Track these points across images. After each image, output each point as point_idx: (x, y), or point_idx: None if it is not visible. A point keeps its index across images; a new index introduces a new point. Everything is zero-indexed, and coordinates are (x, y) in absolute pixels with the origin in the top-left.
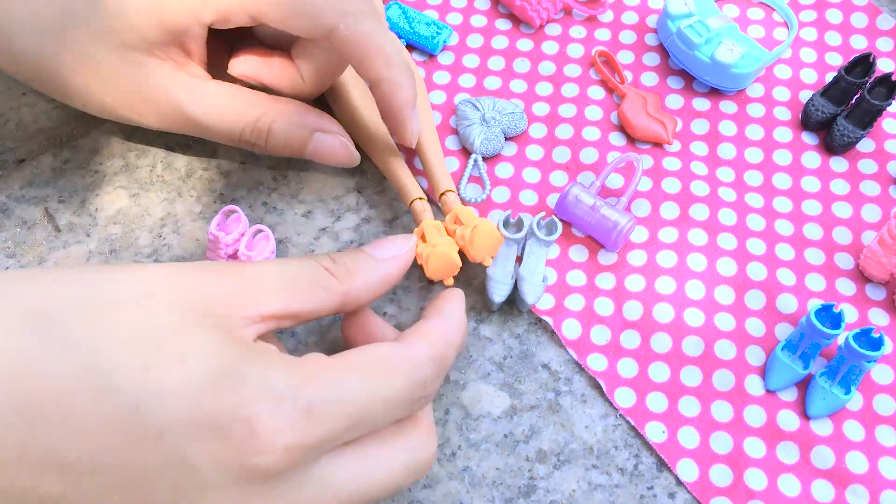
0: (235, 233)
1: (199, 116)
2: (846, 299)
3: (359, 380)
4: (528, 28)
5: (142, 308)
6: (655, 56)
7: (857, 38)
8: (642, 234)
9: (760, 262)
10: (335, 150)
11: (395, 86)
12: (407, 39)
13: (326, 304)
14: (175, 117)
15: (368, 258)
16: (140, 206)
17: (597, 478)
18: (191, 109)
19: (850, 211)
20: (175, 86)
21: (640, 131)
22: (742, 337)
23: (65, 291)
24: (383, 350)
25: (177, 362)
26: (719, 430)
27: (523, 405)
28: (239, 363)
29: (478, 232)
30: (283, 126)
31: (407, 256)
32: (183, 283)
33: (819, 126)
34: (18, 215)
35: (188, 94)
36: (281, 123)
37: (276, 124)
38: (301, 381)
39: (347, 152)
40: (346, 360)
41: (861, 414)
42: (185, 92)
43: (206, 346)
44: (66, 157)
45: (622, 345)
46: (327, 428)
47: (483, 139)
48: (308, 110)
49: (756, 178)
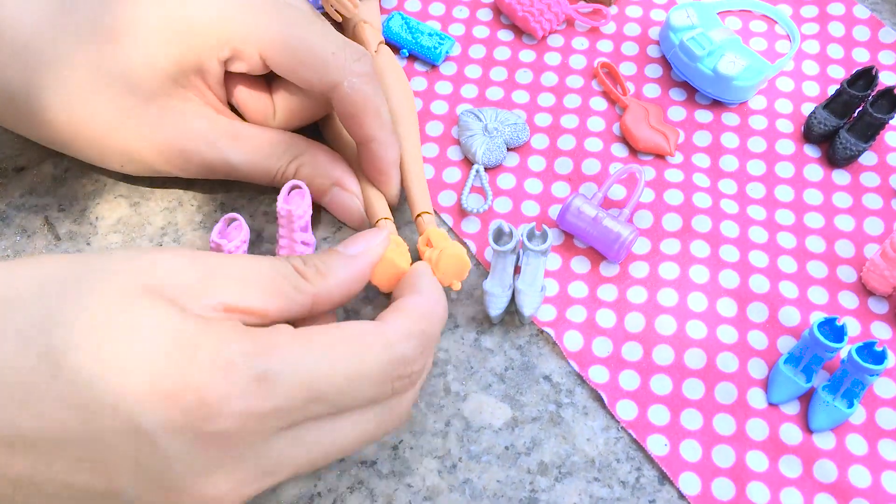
0: (237, 240)
1: (240, 163)
2: (849, 312)
3: (320, 353)
4: (530, 39)
5: (100, 288)
6: (658, 68)
7: (859, 51)
8: (644, 246)
9: (763, 275)
10: (348, 209)
11: (384, 146)
12: (409, 50)
13: (296, 304)
14: (215, 164)
15: (339, 256)
16: (140, 214)
17: (598, 491)
18: (232, 156)
19: (852, 224)
20: (218, 133)
21: (643, 143)
22: (744, 350)
23: (25, 278)
24: (355, 327)
25: (129, 336)
26: (721, 444)
27: (525, 417)
28: (193, 334)
29: (444, 255)
30: (309, 170)
31: (378, 249)
32: (148, 265)
33: (821, 139)
34: (18, 223)
35: (230, 140)
36: (308, 168)
37: (303, 169)
38: (256, 350)
39: (359, 214)
40: (309, 332)
41: (864, 428)
42: (227, 137)
43: (161, 320)
44: (66, 165)
45: (624, 357)
46: (283, 398)
47: (485, 150)
48: (336, 163)
49: (758, 191)
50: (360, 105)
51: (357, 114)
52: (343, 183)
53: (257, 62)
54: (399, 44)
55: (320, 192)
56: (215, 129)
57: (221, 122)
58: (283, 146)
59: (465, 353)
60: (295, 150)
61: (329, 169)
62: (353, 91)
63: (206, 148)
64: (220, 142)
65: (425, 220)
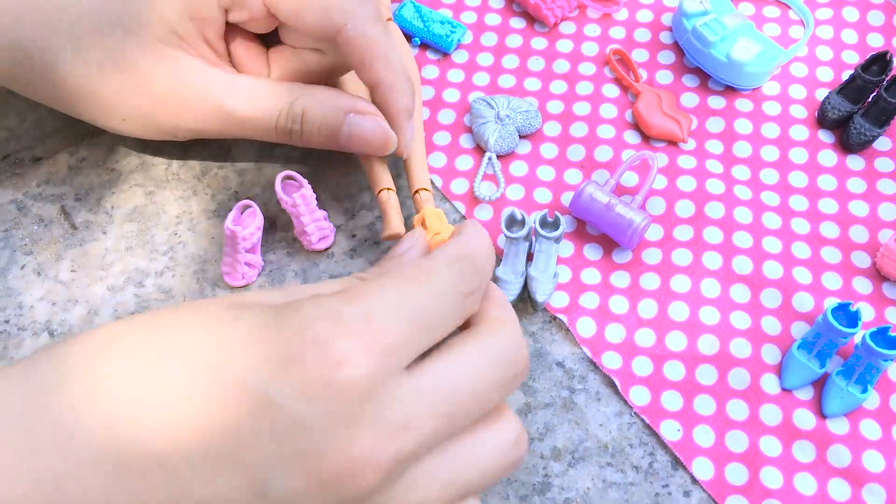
0: (252, 227)
1: (236, 109)
2: (863, 298)
3: (404, 286)
4: (542, 26)
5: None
6: (670, 54)
7: (873, 35)
8: (657, 233)
9: (776, 261)
10: (370, 133)
11: (393, 91)
12: (421, 38)
13: None
14: (213, 113)
15: (391, 259)
16: (156, 203)
17: (611, 476)
18: (228, 102)
19: (866, 209)
20: (212, 81)
21: (655, 129)
22: (758, 335)
23: None
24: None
25: (233, 323)
26: (735, 429)
27: (538, 403)
28: (289, 305)
29: (435, 241)
30: (317, 108)
31: (421, 243)
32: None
33: (835, 124)
34: (35, 213)
35: (225, 88)
36: (315, 106)
37: (310, 107)
38: (352, 298)
39: (383, 134)
40: (382, 277)
41: (878, 413)
42: (222, 86)
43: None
44: (82, 155)
45: (637, 343)
46: (393, 332)
47: (497, 137)
48: (341, 93)
49: (772, 177)
50: (366, 47)
51: (363, 56)
52: (357, 108)
53: (259, 9)
54: (411, 32)
55: (336, 126)
56: (208, 75)
57: (214, 71)
58: (283, 88)
59: None
60: (296, 91)
61: (336, 101)
62: (356, 34)
63: (198, 93)
64: (218, 91)
65: (422, 196)
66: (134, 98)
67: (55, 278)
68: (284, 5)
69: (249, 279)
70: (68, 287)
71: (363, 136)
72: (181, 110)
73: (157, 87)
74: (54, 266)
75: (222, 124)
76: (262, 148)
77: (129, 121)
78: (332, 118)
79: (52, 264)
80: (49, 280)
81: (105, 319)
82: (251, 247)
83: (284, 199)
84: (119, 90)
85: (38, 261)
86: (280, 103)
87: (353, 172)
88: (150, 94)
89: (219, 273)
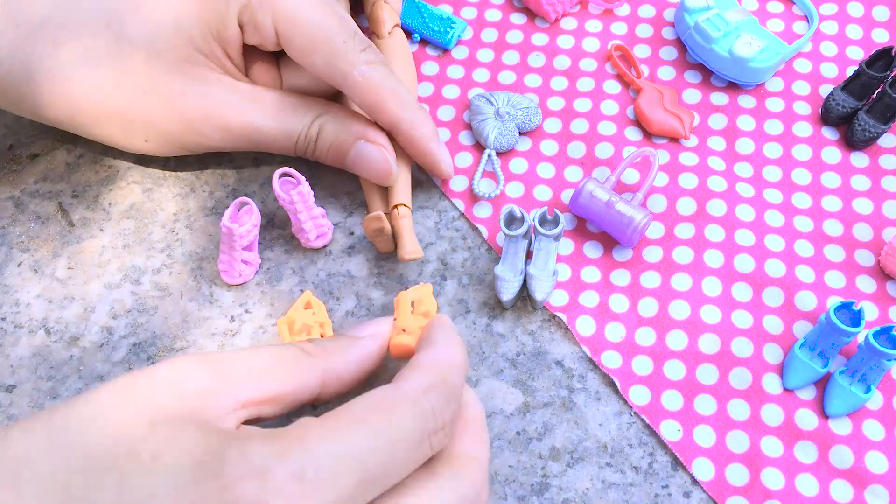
0: (248, 224)
1: (265, 126)
2: (866, 296)
3: (355, 430)
4: (543, 22)
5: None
6: (673, 50)
7: (878, 31)
8: (658, 230)
9: (779, 259)
10: (375, 161)
11: (414, 124)
12: (421, 34)
13: (306, 383)
14: (241, 130)
15: (345, 338)
16: (153, 200)
17: (611, 476)
18: (258, 120)
19: (870, 207)
20: (239, 97)
21: (657, 126)
22: (759, 335)
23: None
24: (375, 394)
25: (151, 466)
26: (736, 429)
27: (536, 402)
28: (216, 448)
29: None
30: (332, 127)
31: (386, 334)
32: (151, 385)
33: (839, 121)
34: (33, 210)
35: (251, 103)
36: (330, 127)
37: (325, 128)
38: (285, 449)
39: (386, 165)
40: (335, 415)
41: (881, 413)
42: (249, 101)
43: (181, 442)
44: (79, 152)
45: (637, 342)
46: (330, 491)
47: (497, 134)
48: (357, 117)
49: (775, 174)
50: (375, 91)
51: (374, 100)
52: (367, 135)
53: (270, 33)
54: (410, 28)
55: (346, 147)
56: (237, 92)
57: (242, 86)
58: (306, 106)
59: (477, 338)
60: (317, 109)
61: (351, 124)
62: (364, 78)
63: (229, 112)
64: (242, 105)
65: (400, 212)
66: (164, 121)
67: (52, 275)
68: (295, 42)
69: (247, 277)
70: (65, 284)
71: (367, 162)
72: (210, 130)
73: (189, 110)
74: (51, 263)
75: (248, 141)
76: None
77: (151, 141)
78: (343, 140)
79: (49, 261)
80: (46, 277)
81: (101, 317)
82: (248, 244)
83: (282, 197)
84: (145, 113)
85: (34, 258)
86: (303, 121)
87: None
88: (182, 116)
89: (216, 270)
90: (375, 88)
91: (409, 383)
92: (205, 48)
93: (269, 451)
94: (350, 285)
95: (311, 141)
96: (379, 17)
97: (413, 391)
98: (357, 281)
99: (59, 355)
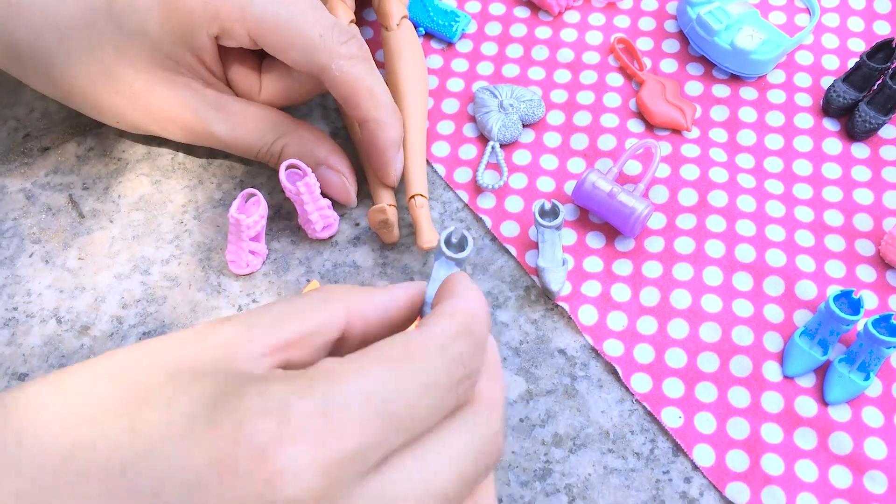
0: (256, 215)
1: (223, 135)
2: (866, 286)
3: (383, 371)
4: (546, 15)
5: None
6: (675, 43)
7: (880, 23)
8: (660, 221)
9: (779, 249)
10: (335, 187)
11: (381, 125)
12: (425, 28)
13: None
14: (202, 134)
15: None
16: (162, 192)
17: (612, 462)
18: (216, 127)
19: (871, 197)
20: (203, 104)
21: (659, 118)
22: (760, 323)
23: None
24: (402, 337)
25: (165, 409)
26: (736, 416)
27: (539, 390)
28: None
29: None
30: (294, 149)
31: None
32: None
33: (840, 112)
34: (44, 202)
35: (215, 113)
36: (293, 148)
37: (288, 148)
38: (308, 386)
39: (346, 194)
40: (361, 355)
41: (880, 400)
42: (213, 110)
43: (198, 387)
44: (89, 144)
45: (639, 331)
46: (358, 432)
47: (501, 126)
48: (321, 142)
49: (776, 165)
50: (352, 87)
51: (349, 96)
52: (329, 162)
53: (246, 39)
54: (415, 21)
55: None
56: (201, 99)
57: (208, 93)
58: (270, 124)
59: None
60: (280, 130)
61: (314, 148)
62: (341, 73)
63: (190, 116)
64: (204, 112)
65: (417, 202)
66: (127, 111)
67: (63, 266)
68: (270, 41)
69: (254, 267)
70: (76, 275)
71: (327, 188)
72: (173, 127)
73: (152, 108)
74: (62, 254)
75: (208, 142)
76: None
77: (122, 123)
78: (307, 163)
79: (60, 252)
80: (57, 268)
81: (112, 307)
82: (256, 235)
83: (288, 188)
84: (112, 103)
85: (45, 249)
86: (264, 140)
87: (357, 160)
88: (146, 112)
89: (224, 261)
90: (352, 84)
91: (439, 328)
92: (175, 54)
93: (291, 388)
94: (356, 275)
95: (272, 157)
96: (387, 9)
97: (443, 336)
98: (363, 271)
99: (70, 344)
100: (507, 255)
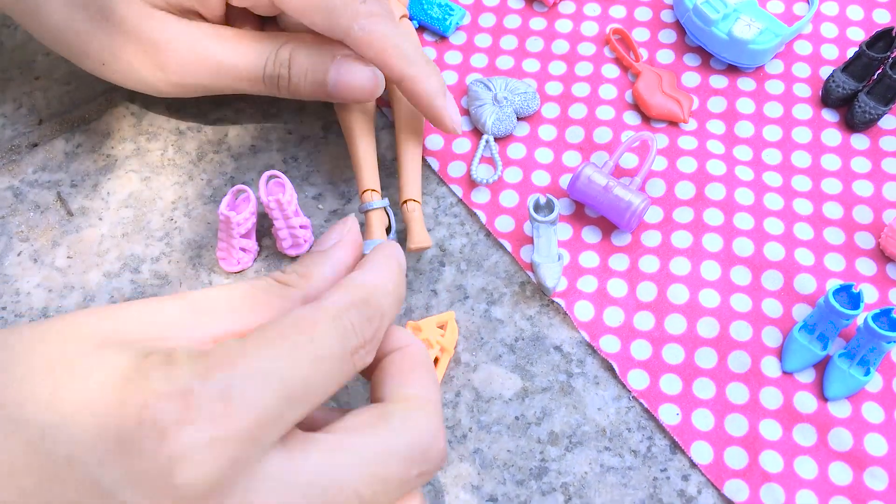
0: (246, 212)
1: (223, 57)
2: (866, 279)
3: (277, 348)
4: (541, 6)
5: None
6: (671, 33)
7: (879, 12)
8: (657, 215)
9: (778, 242)
10: (358, 77)
11: (418, 80)
12: (419, 21)
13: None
14: (199, 63)
15: (315, 255)
16: (151, 189)
17: (609, 460)
18: (214, 50)
19: (871, 189)
20: (197, 31)
21: (656, 110)
22: (758, 318)
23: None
24: (295, 313)
25: (83, 380)
26: (734, 413)
27: (535, 387)
28: (145, 368)
29: None
30: (304, 51)
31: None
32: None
33: (840, 103)
34: (32, 199)
35: (211, 37)
36: (302, 49)
37: (296, 51)
38: (209, 369)
39: (372, 76)
40: (257, 334)
41: (880, 395)
42: (208, 36)
43: (116, 361)
44: (78, 141)
45: (636, 326)
46: (255, 410)
47: (495, 119)
48: (327, 39)
49: (774, 157)
50: (379, 45)
51: (378, 55)
52: (345, 52)
53: (267, 3)
54: (409, 15)
55: (321, 72)
56: (197, 29)
57: (203, 24)
58: (270, 35)
59: (476, 323)
60: (281, 38)
61: (323, 45)
62: (365, 33)
63: (189, 47)
64: (204, 39)
65: (409, 206)
66: (116, 45)
67: (51, 265)
68: (292, 5)
69: (245, 264)
70: (65, 273)
71: (352, 76)
72: (166, 61)
73: (141, 39)
74: (51, 252)
75: (209, 75)
76: (258, 132)
77: (108, 66)
78: (319, 61)
79: (49, 251)
80: (45, 267)
81: (101, 305)
82: (246, 232)
83: (264, 200)
84: (101, 43)
85: (34, 247)
86: (267, 50)
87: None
88: (136, 41)
89: (214, 258)
90: (378, 42)
91: (330, 300)
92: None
93: (193, 371)
94: None
95: (281, 67)
96: None
97: (333, 308)
98: None
99: None
100: (502, 250)
